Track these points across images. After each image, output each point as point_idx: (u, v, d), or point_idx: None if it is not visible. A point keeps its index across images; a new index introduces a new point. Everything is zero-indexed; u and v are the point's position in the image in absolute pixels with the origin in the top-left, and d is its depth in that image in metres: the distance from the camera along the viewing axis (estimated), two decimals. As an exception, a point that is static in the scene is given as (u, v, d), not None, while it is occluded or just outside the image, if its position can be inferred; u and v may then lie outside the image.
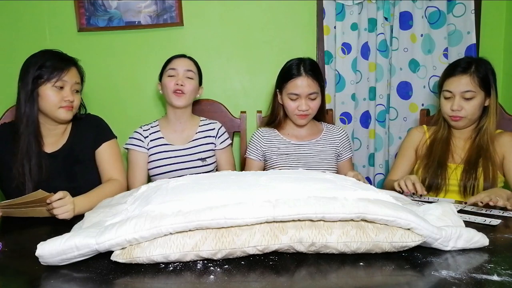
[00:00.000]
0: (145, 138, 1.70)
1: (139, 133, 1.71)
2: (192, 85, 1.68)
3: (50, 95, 1.33)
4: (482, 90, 1.44)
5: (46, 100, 1.33)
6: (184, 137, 1.73)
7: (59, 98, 1.34)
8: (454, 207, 0.97)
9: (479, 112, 1.48)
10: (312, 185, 0.90)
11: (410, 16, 1.97)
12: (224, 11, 2.09)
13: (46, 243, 0.76)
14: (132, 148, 1.69)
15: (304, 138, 1.72)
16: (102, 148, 1.48)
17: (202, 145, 1.73)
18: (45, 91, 1.33)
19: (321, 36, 2.06)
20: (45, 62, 1.34)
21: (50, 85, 1.32)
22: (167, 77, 1.68)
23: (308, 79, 1.59)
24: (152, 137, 1.71)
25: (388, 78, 2.04)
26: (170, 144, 1.71)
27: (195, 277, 0.73)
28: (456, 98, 1.46)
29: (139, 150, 1.68)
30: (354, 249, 0.79)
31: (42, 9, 2.09)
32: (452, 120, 1.50)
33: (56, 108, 1.34)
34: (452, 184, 1.47)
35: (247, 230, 0.78)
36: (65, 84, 1.35)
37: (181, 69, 1.67)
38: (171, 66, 1.69)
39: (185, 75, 1.67)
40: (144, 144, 1.69)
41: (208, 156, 1.72)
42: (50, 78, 1.32)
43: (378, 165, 2.10)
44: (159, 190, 0.93)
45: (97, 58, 2.11)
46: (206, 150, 1.73)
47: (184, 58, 1.72)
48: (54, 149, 1.41)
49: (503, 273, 0.72)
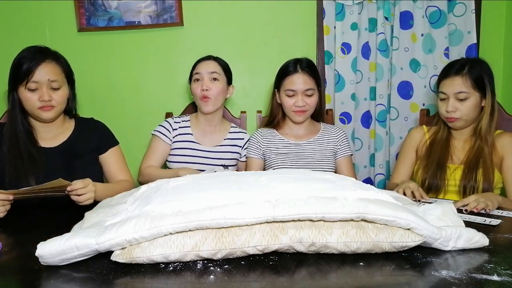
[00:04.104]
0: (173, 130, 1.72)
1: (169, 123, 1.73)
2: (218, 87, 1.68)
3: (26, 97, 1.31)
4: (476, 91, 1.44)
5: (25, 102, 1.32)
6: (213, 140, 1.74)
7: (35, 99, 1.31)
8: (454, 207, 0.97)
9: (475, 112, 1.47)
10: (312, 185, 0.90)
11: (410, 16, 1.97)
12: (224, 11, 2.09)
13: (46, 243, 0.76)
14: (157, 134, 1.71)
15: (302, 138, 1.72)
16: (108, 154, 1.49)
17: (228, 152, 1.74)
18: (22, 94, 1.31)
19: (321, 36, 2.06)
20: (17, 62, 1.31)
21: (23, 88, 1.30)
22: (193, 83, 1.69)
23: (304, 76, 1.61)
24: (181, 131, 1.72)
25: (389, 78, 2.04)
26: (197, 142, 1.72)
27: (195, 277, 0.73)
28: (450, 100, 1.46)
29: (162, 139, 1.70)
30: (354, 249, 0.79)
31: (42, 9, 2.09)
32: (448, 121, 1.50)
33: (36, 109, 1.32)
34: (452, 185, 1.47)
35: (247, 230, 0.78)
36: (37, 85, 1.30)
37: (205, 72, 1.67)
38: (196, 70, 1.69)
39: (210, 77, 1.67)
40: (170, 135, 1.71)
41: (231, 164, 1.74)
42: (21, 80, 1.29)
43: (378, 165, 2.10)
44: (159, 190, 0.93)
45: (97, 58, 2.12)
46: (230, 158, 1.74)
47: (208, 60, 1.71)
48: (53, 145, 1.40)
49: (503, 273, 0.72)
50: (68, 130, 1.45)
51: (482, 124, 1.46)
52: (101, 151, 1.48)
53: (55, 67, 1.34)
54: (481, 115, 1.48)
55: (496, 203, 1.20)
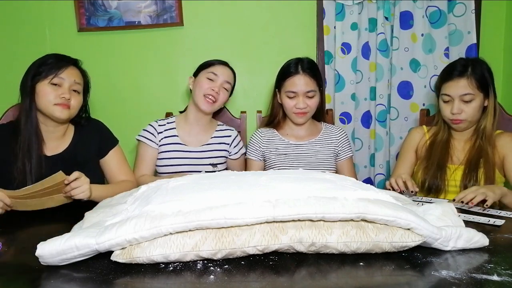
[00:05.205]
0: (158, 134, 1.69)
1: (154, 127, 1.71)
2: (226, 96, 1.69)
3: (46, 91, 1.32)
4: (480, 91, 1.43)
5: (41, 96, 1.32)
6: (199, 140, 1.73)
7: (54, 95, 1.32)
8: (454, 207, 0.97)
9: (479, 113, 1.47)
10: (312, 185, 0.90)
11: (410, 16, 1.97)
12: (224, 11, 2.09)
13: (46, 243, 0.76)
14: (142, 140, 1.69)
15: (303, 138, 1.72)
16: (109, 156, 1.49)
17: (215, 151, 1.73)
18: (42, 87, 1.32)
19: (321, 36, 2.06)
20: (45, 61, 1.35)
21: (47, 81, 1.32)
22: (205, 78, 1.66)
23: (305, 77, 1.59)
24: (166, 133, 1.70)
25: (389, 78, 2.04)
26: (183, 144, 1.70)
27: (195, 277, 0.73)
28: (455, 102, 1.45)
29: (149, 144, 1.68)
30: (354, 249, 0.79)
31: (42, 9, 2.09)
32: (453, 123, 1.49)
33: (51, 105, 1.32)
34: (452, 186, 1.47)
35: (247, 230, 0.78)
36: (62, 81, 1.34)
37: (222, 77, 1.66)
38: (214, 70, 1.66)
39: (223, 85, 1.67)
40: (156, 139, 1.69)
41: (219, 162, 1.73)
42: (47, 74, 1.32)
43: (378, 165, 2.10)
44: (159, 190, 0.93)
45: (97, 58, 2.12)
46: (218, 156, 1.73)
47: (227, 68, 1.71)
48: (55, 153, 1.40)
49: (503, 273, 0.72)
50: (68, 137, 1.45)
51: (487, 124, 1.46)
52: (102, 154, 1.49)
53: (80, 74, 1.42)
54: (483, 115, 1.48)
55: (498, 194, 1.19)
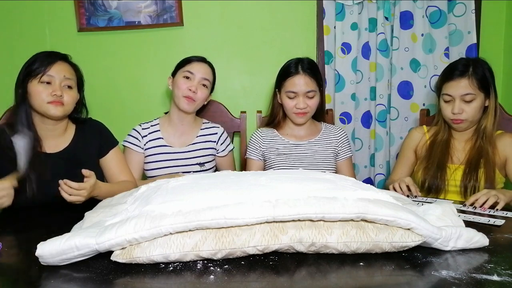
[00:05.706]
0: (142, 138, 1.67)
1: (138, 131, 1.69)
2: (205, 93, 1.66)
3: (37, 90, 1.31)
4: (481, 91, 1.43)
5: (34, 96, 1.32)
6: (184, 140, 1.71)
7: (46, 93, 1.31)
8: (454, 207, 0.97)
9: (480, 113, 1.47)
10: (312, 185, 0.90)
11: (410, 16, 1.97)
12: (224, 11, 2.09)
13: (46, 243, 0.76)
14: (128, 146, 1.67)
15: (303, 138, 1.72)
16: (109, 156, 1.49)
17: (201, 150, 1.71)
18: (33, 87, 1.32)
19: (321, 36, 2.06)
20: (33, 60, 1.34)
21: (37, 81, 1.31)
22: (181, 78, 1.63)
23: (305, 77, 1.59)
24: (150, 136, 1.68)
25: (389, 78, 2.04)
26: (168, 145, 1.68)
27: (195, 277, 0.73)
28: (456, 102, 1.45)
29: (134, 149, 1.66)
30: (354, 249, 0.79)
31: (42, 9, 2.09)
32: (454, 123, 1.49)
33: (45, 104, 1.31)
34: (452, 185, 1.47)
35: (247, 230, 0.78)
36: (52, 79, 1.32)
37: (198, 75, 1.63)
38: (190, 68, 1.64)
39: (201, 82, 1.64)
40: (141, 143, 1.67)
41: (207, 161, 1.71)
42: (36, 73, 1.31)
43: (378, 165, 2.10)
44: (159, 190, 0.93)
45: (97, 58, 2.12)
46: (205, 155, 1.71)
47: (204, 64, 1.67)
48: (55, 150, 1.40)
49: (503, 273, 0.72)
50: (69, 135, 1.45)
51: (487, 124, 1.46)
52: (102, 154, 1.49)
53: (70, 68, 1.39)
54: (484, 115, 1.48)
55: (508, 197, 1.20)
